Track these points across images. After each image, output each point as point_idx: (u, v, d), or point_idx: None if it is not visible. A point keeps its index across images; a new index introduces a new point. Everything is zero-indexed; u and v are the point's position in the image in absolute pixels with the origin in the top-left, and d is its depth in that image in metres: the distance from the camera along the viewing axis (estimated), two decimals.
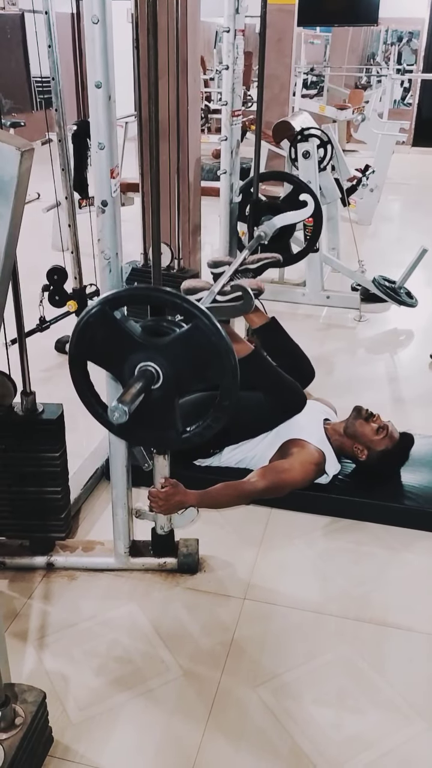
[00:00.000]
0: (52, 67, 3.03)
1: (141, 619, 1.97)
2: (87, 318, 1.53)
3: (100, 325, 1.52)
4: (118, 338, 1.52)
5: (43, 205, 4.39)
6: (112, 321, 1.51)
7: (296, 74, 8.90)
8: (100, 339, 1.54)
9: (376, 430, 2.41)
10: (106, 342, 1.54)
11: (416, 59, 12.68)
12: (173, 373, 1.52)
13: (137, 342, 1.51)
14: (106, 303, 1.51)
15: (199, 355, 1.49)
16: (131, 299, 1.59)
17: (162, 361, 1.51)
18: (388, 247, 5.84)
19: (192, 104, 3.42)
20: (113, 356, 1.56)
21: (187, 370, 1.53)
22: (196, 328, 1.46)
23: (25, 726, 1.43)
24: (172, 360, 1.51)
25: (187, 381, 1.57)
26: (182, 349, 1.50)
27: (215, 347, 1.47)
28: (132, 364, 1.53)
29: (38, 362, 3.31)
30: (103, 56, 1.50)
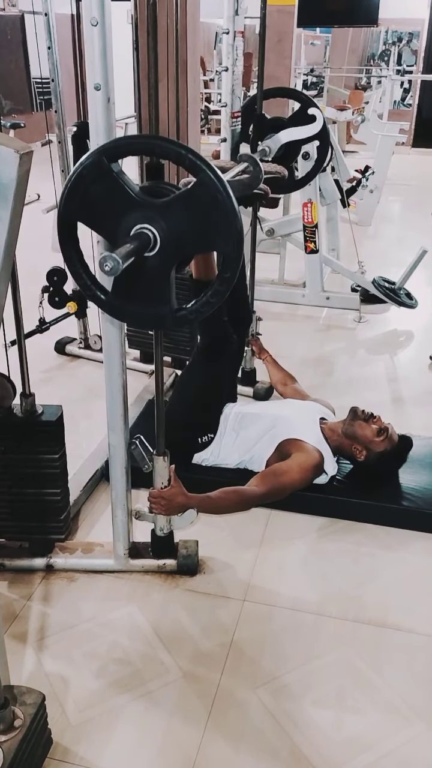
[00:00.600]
0: (51, 69, 3.03)
1: (140, 620, 1.97)
2: (80, 170, 1.38)
3: (95, 179, 1.37)
4: (113, 194, 1.38)
5: (43, 206, 4.37)
6: (108, 173, 1.36)
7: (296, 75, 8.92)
8: (93, 195, 1.38)
9: (377, 432, 2.41)
10: (99, 198, 1.39)
11: (416, 60, 12.69)
12: (172, 238, 1.37)
13: (135, 200, 1.37)
14: (103, 153, 1.37)
15: (202, 216, 1.34)
16: (131, 148, 1.43)
17: (160, 223, 1.36)
18: (388, 248, 5.85)
19: (192, 105, 3.43)
20: (106, 215, 1.40)
21: (188, 234, 1.38)
22: (201, 183, 1.31)
23: (24, 728, 1.43)
24: (172, 222, 1.36)
25: (186, 247, 1.43)
26: (184, 210, 1.35)
27: (221, 206, 1.32)
28: (127, 226, 1.38)
29: (38, 363, 3.32)
30: (102, 58, 1.51)
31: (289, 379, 2.94)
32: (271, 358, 3.01)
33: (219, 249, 1.41)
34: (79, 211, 1.42)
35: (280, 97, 3.95)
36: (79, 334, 3.59)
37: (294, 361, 3.39)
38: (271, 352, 3.05)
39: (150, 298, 1.45)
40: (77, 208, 1.41)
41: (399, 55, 12.74)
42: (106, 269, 1.25)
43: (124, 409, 1.94)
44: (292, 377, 2.96)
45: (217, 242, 1.38)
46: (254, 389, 3.16)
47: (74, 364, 3.54)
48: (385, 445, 2.42)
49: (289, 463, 2.31)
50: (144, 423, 2.70)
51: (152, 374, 3.11)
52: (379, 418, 2.45)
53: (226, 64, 2.57)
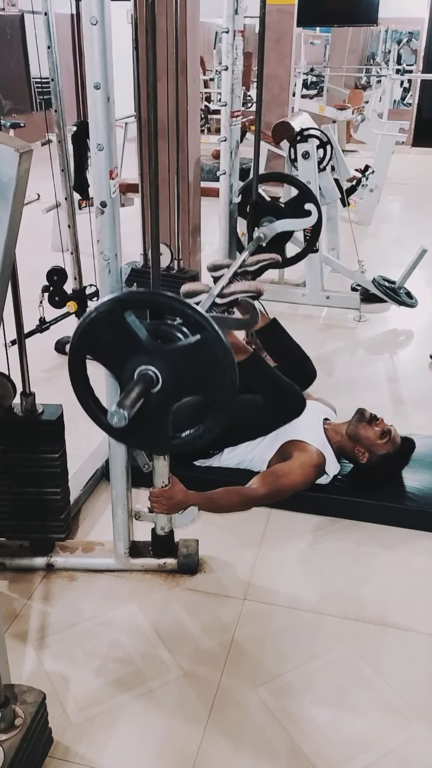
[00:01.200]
0: (51, 68, 3.03)
1: (141, 619, 1.97)
2: (96, 314, 1.51)
3: (108, 324, 1.50)
4: (124, 339, 1.50)
5: (43, 205, 4.38)
6: (121, 322, 1.49)
7: (296, 75, 8.91)
8: (105, 337, 1.52)
9: (380, 435, 2.41)
10: (111, 341, 1.52)
11: (416, 59, 12.68)
12: (173, 380, 1.51)
13: (143, 345, 1.50)
14: (118, 303, 1.49)
15: (201, 367, 1.48)
16: (144, 304, 1.57)
17: (163, 366, 1.50)
18: (388, 247, 5.85)
19: (191, 105, 3.43)
20: (116, 356, 1.54)
21: (187, 380, 1.52)
22: (204, 341, 1.45)
23: (25, 727, 1.43)
24: (174, 368, 1.50)
25: (185, 390, 1.56)
26: (186, 359, 1.49)
27: (219, 363, 1.46)
28: (133, 366, 1.51)
29: (38, 363, 3.31)
30: (102, 57, 1.50)
31: None
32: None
33: (214, 396, 1.53)
34: (90, 348, 1.56)
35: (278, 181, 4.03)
36: None
37: None
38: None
39: (148, 427, 1.57)
40: (89, 346, 1.55)
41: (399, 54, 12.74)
42: (114, 423, 1.38)
43: None
44: None
45: (214, 390, 1.52)
46: None
47: None
48: (388, 447, 2.41)
49: (291, 464, 2.30)
50: None
51: None
52: (382, 421, 2.44)
53: (226, 64, 2.57)
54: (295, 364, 2.63)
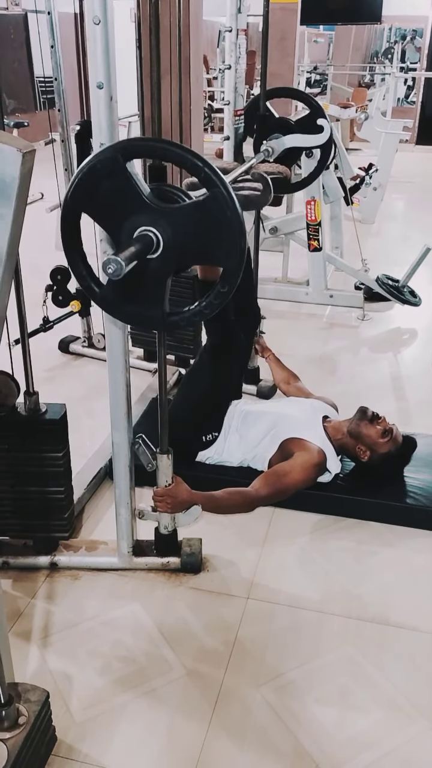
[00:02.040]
0: (54, 68, 3.04)
1: (144, 618, 1.97)
2: (95, 162, 1.37)
3: (108, 174, 1.36)
4: (124, 192, 1.37)
5: (46, 204, 4.40)
6: (122, 172, 1.35)
7: (299, 73, 8.90)
8: (103, 189, 1.38)
9: (382, 433, 2.41)
10: (109, 194, 1.38)
11: (420, 57, 12.65)
12: (175, 245, 1.37)
13: (144, 201, 1.36)
14: (119, 150, 1.36)
15: (208, 228, 1.34)
16: (148, 151, 1.43)
17: (166, 228, 1.36)
18: (392, 245, 5.84)
19: (195, 103, 3.43)
20: (114, 211, 1.40)
21: (191, 244, 1.39)
22: (214, 198, 1.31)
23: (29, 725, 1.43)
24: (178, 229, 1.36)
25: (188, 256, 1.43)
26: (192, 219, 1.36)
27: (230, 223, 1.32)
28: (132, 226, 1.38)
29: (42, 362, 3.33)
30: (104, 57, 1.51)
31: (292, 377, 2.94)
32: (274, 357, 3.01)
33: (220, 263, 1.41)
34: (86, 202, 1.41)
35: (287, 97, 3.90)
36: (83, 332, 3.59)
37: (297, 359, 3.39)
38: (275, 351, 3.04)
39: (144, 299, 1.45)
40: (85, 199, 1.40)
41: (403, 52, 12.71)
42: (109, 272, 1.25)
43: (128, 407, 1.94)
44: (295, 376, 2.95)
45: (220, 256, 1.38)
46: (258, 387, 3.15)
47: (78, 362, 3.55)
48: (389, 446, 2.41)
49: (292, 463, 2.30)
50: (147, 421, 2.70)
51: (155, 373, 3.11)
52: (384, 419, 2.44)
53: (229, 62, 2.57)
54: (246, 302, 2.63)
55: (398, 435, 2.44)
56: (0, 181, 1.09)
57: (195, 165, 1.30)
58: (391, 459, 2.43)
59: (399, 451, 2.44)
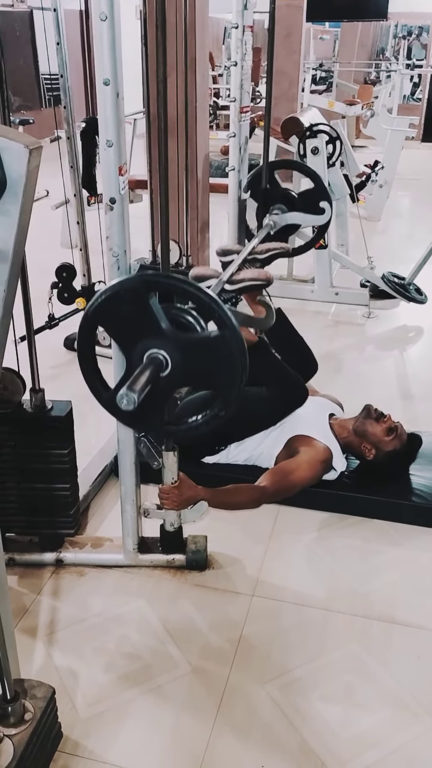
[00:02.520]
0: (60, 64, 3.03)
1: (150, 615, 1.98)
2: (119, 289, 1.48)
3: (130, 301, 1.47)
4: (142, 319, 1.47)
5: (52, 202, 4.39)
6: (144, 302, 1.46)
7: (305, 70, 8.87)
8: (123, 313, 1.49)
9: (387, 431, 2.40)
10: (127, 317, 1.49)
11: (426, 54, 12.61)
12: (182, 368, 1.48)
13: (160, 330, 1.46)
14: (144, 283, 1.47)
15: (215, 363, 1.47)
16: (170, 288, 1.52)
17: (175, 353, 1.47)
18: (398, 243, 5.82)
19: (200, 100, 3.41)
20: (130, 333, 1.51)
21: (197, 372, 1.51)
22: (223, 338, 1.44)
23: (35, 721, 1.44)
24: (186, 357, 1.47)
25: (191, 381, 1.55)
26: (201, 352, 1.48)
27: (234, 363, 1.45)
28: (145, 347, 1.48)
29: (47, 359, 3.32)
30: (111, 53, 1.50)
31: None
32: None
33: (221, 392, 1.52)
34: (105, 319, 1.53)
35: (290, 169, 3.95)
36: None
37: None
38: None
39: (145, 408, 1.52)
40: (104, 317, 1.52)
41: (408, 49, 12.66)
42: (123, 405, 1.36)
43: None
44: None
45: (221, 386, 1.51)
46: None
47: None
48: (395, 444, 2.41)
49: (298, 460, 2.30)
50: None
51: None
52: (390, 417, 2.44)
53: (235, 59, 2.56)
54: (298, 355, 2.62)
55: (403, 433, 2.44)
56: (7, 177, 1.09)
57: (211, 308, 1.43)
58: (396, 457, 2.43)
59: (404, 449, 2.44)
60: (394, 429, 2.41)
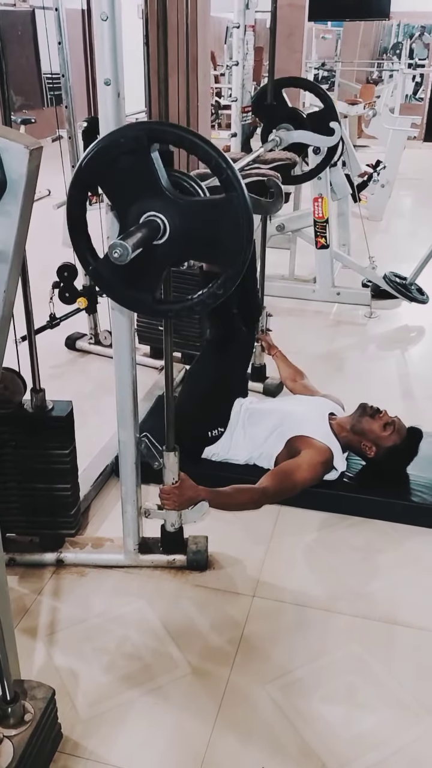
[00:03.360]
0: (62, 64, 3.03)
1: (150, 615, 1.97)
2: (119, 137, 1.34)
3: (131, 152, 1.33)
4: (142, 174, 1.34)
5: (53, 201, 4.39)
6: (145, 153, 1.32)
7: (307, 69, 8.87)
8: (121, 166, 1.35)
9: (384, 427, 2.40)
10: (127, 172, 1.35)
11: (428, 54, 12.60)
12: (181, 236, 1.35)
13: (160, 188, 1.33)
14: (147, 131, 1.32)
15: (218, 229, 1.32)
16: (176, 139, 1.35)
17: (175, 218, 1.34)
18: (400, 243, 5.82)
19: (202, 100, 3.42)
20: (126, 191, 1.37)
21: (197, 240, 1.37)
22: (230, 201, 1.29)
23: (35, 722, 1.44)
24: (187, 222, 1.34)
25: (190, 251, 1.42)
26: (204, 216, 1.34)
27: (239, 229, 1.30)
28: (143, 208, 1.35)
29: (48, 359, 3.33)
30: (112, 53, 1.50)
31: (299, 375, 2.93)
32: (280, 354, 3.00)
33: (221, 265, 1.39)
34: (100, 175, 1.39)
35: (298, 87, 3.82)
36: (90, 329, 3.59)
37: (304, 356, 3.38)
38: (281, 348, 3.04)
39: (137, 282, 1.43)
40: (100, 171, 1.38)
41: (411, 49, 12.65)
42: (114, 256, 1.24)
43: (134, 404, 1.94)
44: (301, 373, 2.95)
45: (222, 259, 1.37)
46: (264, 385, 3.15)
47: (84, 359, 3.55)
48: (394, 439, 2.40)
49: (298, 460, 2.30)
50: (154, 418, 2.70)
51: (162, 370, 3.11)
52: (386, 413, 2.43)
53: (237, 59, 2.56)
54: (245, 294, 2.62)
55: (402, 427, 2.43)
56: (7, 178, 1.09)
57: (219, 164, 1.29)
58: (397, 452, 2.42)
59: (405, 443, 2.43)
60: (392, 423, 2.40)
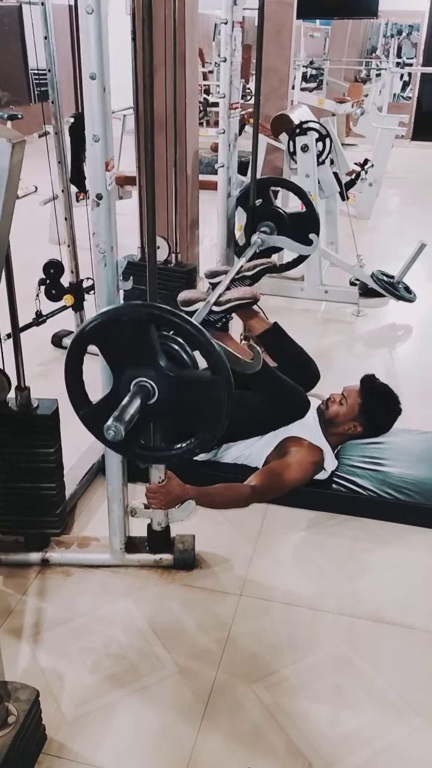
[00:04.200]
0: (48, 59, 3.00)
1: (137, 615, 1.96)
2: (124, 313, 1.52)
3: (132, 329, 1.50)
4: (139, 348, 1.51)
5: (40, 198, 4.36)
6: (145, 333, 1.49)
7: (295, 67, 8.85)
8: (121, 338, 1.52)
9: (340, 403, 2.44)
10: (126, 343, 1.52)
11: (416, 53, 12.63)
12: (167, 402, 1.52)
13: (155, 362, 1.51)
14: (151, 316, 1.49)
15: (202, 403, 1.52)
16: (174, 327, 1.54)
17: (164, 386, 1.51)
18: (387, 241, 5.82)
19: (190, 96, 3.40)
20: (123, 359, 1.54)
21: (181, 408, 1.55)
22: (215, 383, 1.49)
23: (18, 725, 1.42)
24: (175, 392, 1.51)
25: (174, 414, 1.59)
26: (191, 389, 1.52)
27: (220, 406, 1.50)
28: (135, 374, 1.52)
29: (34, 357, 3.30)
30: (97, 47, 1.48)
31: None
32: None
33: (199, 434, 1.57)
34: (101, 340, 1.57)
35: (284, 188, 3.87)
36: (76, 327, 3.56)
37: None
38: None
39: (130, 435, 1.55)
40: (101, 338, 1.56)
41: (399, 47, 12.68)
42: (109, 436, 1.40)
43: None
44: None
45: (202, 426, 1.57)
46: None
47: None
48: (356, 401, 2.43)
49: (289, 460, 2.29)
50: None
51: None
52: (332, 396, 2.48)
53: (225, 55, 2.54)
54: (299, 365, 2.62)
55: (352, 389, 2.47)
56: None
57: (210, 352, 1.49)
58: (371, 407, 2.43)
59: (368, 397, 2.44)
60: (341, 395, 2.46)
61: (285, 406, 2.40)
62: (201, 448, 1.62)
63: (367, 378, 2.50)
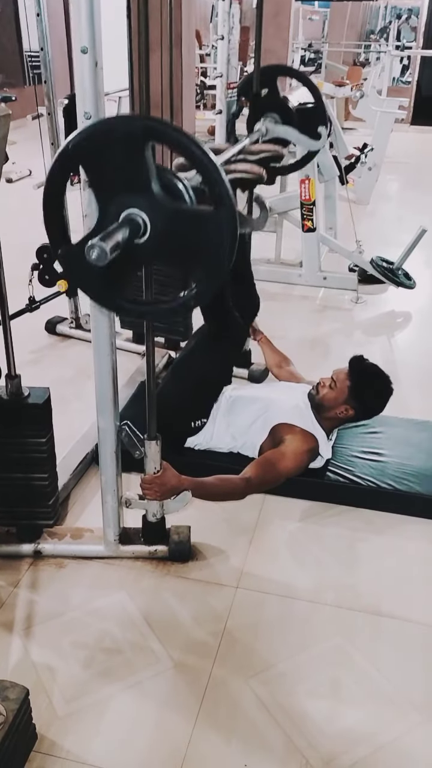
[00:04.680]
0: (40, 37, 2.93)
1: (131, 608, 1.92)
2: (115, 124, 1.26)
3: (125, 144, 1.23)
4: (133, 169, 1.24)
5: (34, 181, 4.29)
6: (140, 149, 1.22)
7: (294, 50, 8.75)
8: (112, 155, 1.25)
9: (330, 388, 2.39)
10: (116, 162, 1.25)
11: (415, 36, 12.49)
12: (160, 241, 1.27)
13: (149, 188, 1.24)
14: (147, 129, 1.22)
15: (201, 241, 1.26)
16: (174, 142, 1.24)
17: (158, 220, 1.26)
18: (387, 226, 5.76)
19: (186, 77, 3.33)
20: (112, 183, 1.27)
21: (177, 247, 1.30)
22: (218, 216, 1.22)
23: (7, 724, 1.38)
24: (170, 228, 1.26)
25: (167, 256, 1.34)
26: (189, 225, 1.26)
27: (222, 246, 1.24)
28: (125, 203, 1.27)
29: (27, 343, 3.26)
30: (89, 19, 1.42)
31: (285, 361, 2.88)
32: (266, 340, 2.94)
33: (195, 278, 1.32)
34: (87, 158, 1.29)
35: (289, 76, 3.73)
36: (70, 313, 3.51)
37: (290, 342, 3.32)
38: (267, 333, 2.98)
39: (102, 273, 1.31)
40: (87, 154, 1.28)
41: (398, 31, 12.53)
42: (92, 257, 1.17)
43: (114, 391, 1.88)
44: (287, 359, 2.89)
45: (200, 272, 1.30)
46: (249, 371, 3.09)
47: (65, 344, 3.47)
48: (345, 383, 2.38)
49: (283, 449, 2.25)
50: (136, 405, 2.63)
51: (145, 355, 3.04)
52: (321, 380, 2.44)
53: (222, 33, 2.47)
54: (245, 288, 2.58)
55: (341, 371, 2.42)
56: None
57: (214, 179, 1.20)
58: (361, 390, 2.39)
59: (357, 378, 2.39)
60: (331, 379, 2.41)
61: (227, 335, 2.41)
62: (201, 298, 1.33)
63: (355, 359, 2.45)
